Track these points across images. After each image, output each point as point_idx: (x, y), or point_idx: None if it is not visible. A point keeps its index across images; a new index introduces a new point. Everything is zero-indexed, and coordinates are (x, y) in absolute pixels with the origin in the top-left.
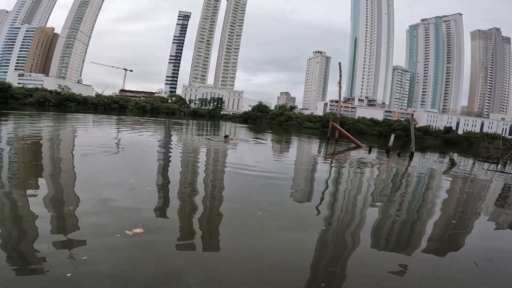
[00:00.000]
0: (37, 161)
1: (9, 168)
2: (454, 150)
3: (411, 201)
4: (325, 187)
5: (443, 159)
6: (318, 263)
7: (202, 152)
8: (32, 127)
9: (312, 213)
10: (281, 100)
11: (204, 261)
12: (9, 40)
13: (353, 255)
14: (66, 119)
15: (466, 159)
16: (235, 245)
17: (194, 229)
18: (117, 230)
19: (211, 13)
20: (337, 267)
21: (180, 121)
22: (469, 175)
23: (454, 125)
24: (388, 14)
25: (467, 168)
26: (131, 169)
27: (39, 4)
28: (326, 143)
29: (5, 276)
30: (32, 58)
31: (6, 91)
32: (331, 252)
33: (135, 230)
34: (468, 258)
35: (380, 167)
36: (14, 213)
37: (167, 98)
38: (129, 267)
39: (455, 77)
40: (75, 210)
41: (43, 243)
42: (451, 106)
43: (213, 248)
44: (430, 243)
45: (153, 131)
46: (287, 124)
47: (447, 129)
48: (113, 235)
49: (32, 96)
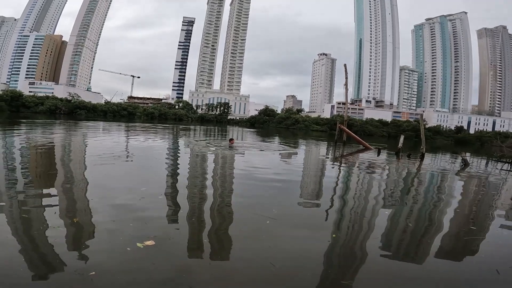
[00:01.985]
0: (50, 169)
1: (22, 176)
2: (466, 150)
3: (424, 205)
4: (335, 191)
5: (455, 160)
6: (328, 274)
7: (211, 157)
8: (46, 135)
9: (322, 219)
10: (288, 103)
11: (221, 276)
12: (18, 48)
13: (365, 263)
14: (77, 126)
15: (479, 159)
16: (249, 257)
17: (205, 241)
18: (128, 242)
19: (215, 18)
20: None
21: (187, 127)
22: (483, 175)
23: (465, 124)
24: (392, 14)
25: (481, 168)
26: (142, 176)
27: (47, 12)
28: (334, 146)
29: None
30: (42, 66)
31: (17, 100)
32: (341, 261)
33: (146, 243)
34: (488, 265)
35: (390, 169)
36: (21, 225)
37: (174, 104)
38: (138, 285)
39: (464, 76)
40: (85, 221)
41: (51, 257)
42: (462, 105)
43: (225, 261)
44: (447, 249)
45: (162, 138)
46: (294, 128)
47: (458, 129)
48: (123, 249)
49: (43, 104)
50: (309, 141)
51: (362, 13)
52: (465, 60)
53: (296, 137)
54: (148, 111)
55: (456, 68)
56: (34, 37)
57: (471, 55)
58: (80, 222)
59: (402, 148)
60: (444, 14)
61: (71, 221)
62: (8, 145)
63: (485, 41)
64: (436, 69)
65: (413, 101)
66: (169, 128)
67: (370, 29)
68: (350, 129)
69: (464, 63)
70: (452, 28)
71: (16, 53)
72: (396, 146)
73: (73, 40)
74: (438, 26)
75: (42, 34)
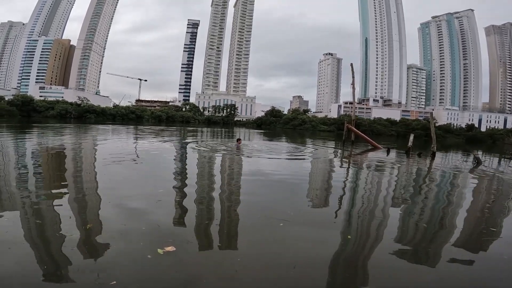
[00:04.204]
0: (64, 172)
1: (36, 180)
2: (478, 148)
3: (437, 204)
4: (344, 191)
5: (467, 158)
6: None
7: (225, 158)
8: (61, 139)
9: (332, 220)
10: (294, 104)
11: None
12: (28, 53)
13: (378, 267)
14: (88, 130)
15: (491, 157)
16: (272, 262)
17: (223, 244)
18: (147, 249)
19: (219, 20)
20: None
21: (195, 129)
22: (496, 173)
23: (476, 122)
24: (397, 12)
25: (493, 166)
26: (158, 179)
27: (54, 16)
28: (342, 146)
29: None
30: (51, 70)
31: (28, 104)
32: (354, 263)
33: (166, 249)
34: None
35: (401, 168)
36: (38, 230)
37: (181, 106)
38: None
39: (473, 73)
40: (102, 226)
41: (68, 265)
42: (472, 103)
43: (249, 268)
44: (463, 250)
45: (171, 140)
46: (301, 128)
47: (469, 127)
48: (144, 256)
49: (54, 108)
50: (317, 141)
51: (366, 12)
52: (474, 58)
53: (304, 137)
54: (156, 114)
55: (465, 66)
56: (43, 42)
57: (479, 53)
58: (95, 228)
59: (412, 147)
60: (450, 12)
61: (86, 227)
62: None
63: (493, 39)
64: (444, 67)
65: (422, 100)
66: (177, 131)
67: (376, 28)
68: (358, 128)
69: (473, 61)
70: (459, 25)
71: (26, 58)
72: (406, 145)
73: (81, 44)
74: (445, 24)
75: (50, 39)
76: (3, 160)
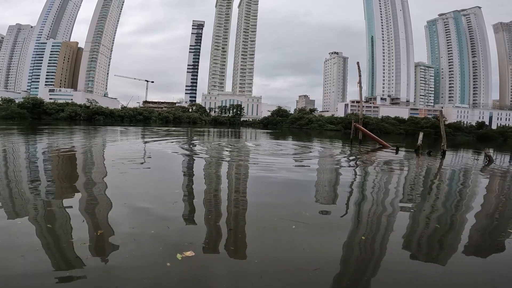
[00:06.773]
0: (77, 174)
1: (48, 184)
2: (489, 146)
3: (449, 203)
4: (352, 191)
5: (478, 156)
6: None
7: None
8: (74, 140)
9: (341, 221)
10: (300, 103)
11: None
12: (37, 56)
13: (396, 270)
14: (98, 131)
15: (503, 155)
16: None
17: (240, 249)
18: (166, 254)
19: (223, 20)
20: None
21: (202, 129)
22: (509, 171)
23: (487, 119)
24: (403, 10)
25: (505, 164)
26: (174, 180)
27: (61, 19)
28: (350, 145)
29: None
30: (60, 73)
31: (39, 107)
32: (365, 264)
33: (186, 254)
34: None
35: (411, 167)
36: (51, 237)
37: (188, 107)
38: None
39: (482, 70)
40: (118, 231)
41: (83, 272)
42: (482, 101)
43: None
44: (473, 249)
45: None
46: (308, 128)
47: (479, 125)
48: (163, 263)
49: (64, 111)
50: (324, 141)
51: (372, 11)
52: (483, 55)
53: (310, 137)
54: (163, 115)
55: (474, 63)
56: (51, 44)
57: (488, 50)
58: (108, 233)
59: (422, 145)
60: (457, 10)
61: (99, 233)
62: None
63: (502, 36)
64: (453, 65)
65: (430, 98)
66: (185, 132)
67: (382, 26)
68: (366, 127)
69: (482, 58)
70: (466, 23)
71: (35, 60)
72: (415, 143)
73: (88, 47)
74: (452, 22)
75: (58, 41)
76: (17, 164)
